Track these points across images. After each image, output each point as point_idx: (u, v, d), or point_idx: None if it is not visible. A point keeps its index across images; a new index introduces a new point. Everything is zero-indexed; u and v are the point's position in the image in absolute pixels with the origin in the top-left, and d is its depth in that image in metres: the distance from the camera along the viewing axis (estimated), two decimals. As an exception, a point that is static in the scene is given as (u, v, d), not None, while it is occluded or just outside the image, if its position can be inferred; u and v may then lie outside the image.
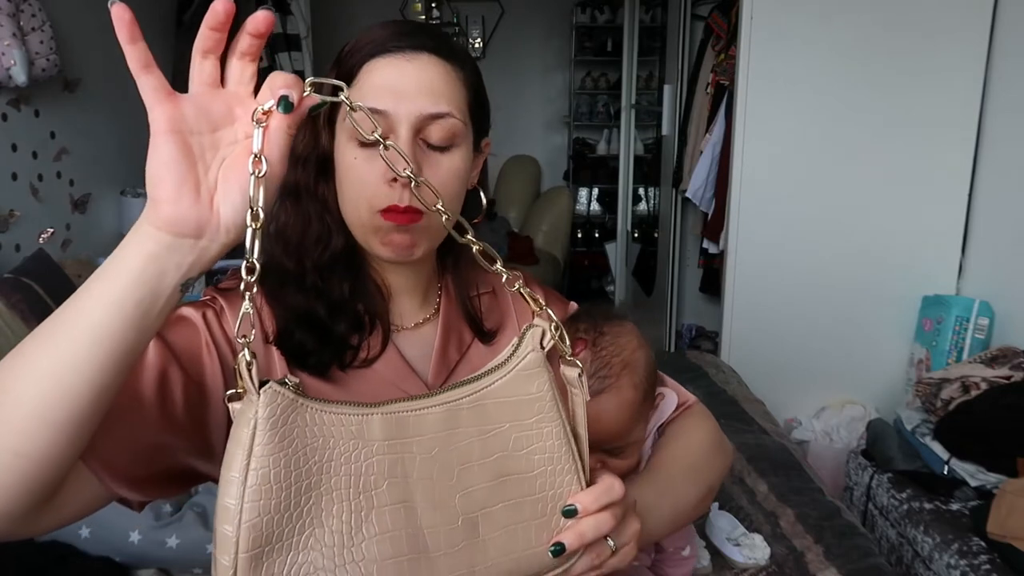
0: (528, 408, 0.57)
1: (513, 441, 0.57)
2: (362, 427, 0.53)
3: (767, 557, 1.34)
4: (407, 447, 0.54)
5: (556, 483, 0.58)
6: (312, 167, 0.76)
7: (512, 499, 0.57)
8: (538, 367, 0.58)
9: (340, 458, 0.52)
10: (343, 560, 0.51)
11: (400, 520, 0.53)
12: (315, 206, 0.76)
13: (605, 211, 5.49)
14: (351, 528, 0.52)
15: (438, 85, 0.72)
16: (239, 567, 0.47)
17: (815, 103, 2.39)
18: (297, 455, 0.50)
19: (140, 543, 1.53)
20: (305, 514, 0.50)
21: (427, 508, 0.54)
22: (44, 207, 2.56)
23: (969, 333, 2.28)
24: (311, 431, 0.51)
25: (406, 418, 0.55)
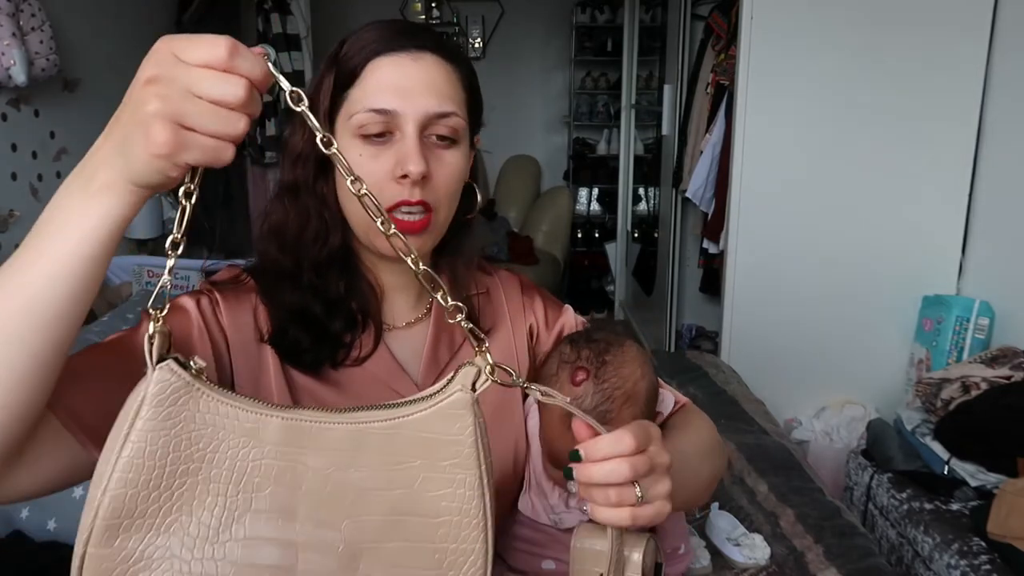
0: (444, 449, 0.53)
1: (421, 480, 0.53)
2: (258, 426, 0.51)
3: (767, 557, 1.34)
4: (302, 457, 0.51)
5: (459, 537, 0.53)
6: (312, 165, 0.76)
7: (406, 540, 0.53)
8: (464, 408, 0.53)
9: (227, 452, 0.50)
10: (202, 554, 0.49)
11: (274, 529, 0.50)
12: (314, 203, 0.76)
13: (605, 211, 5.48)
14: (220, 524, 0.49)
15: (442, 85, 0.73)
16: (93, 532, 0.47)
17: (815, 103, 2.39)
18: (180, 438, 0.48)
19: (140, 543, 1.52)
20: (175, 499, 0.49)
21: (309, 524, 0.51)
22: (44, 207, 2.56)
23: (969, 333, 2.28)
24: (202, 417, 0.49)
25: (308, 427, 0.51)
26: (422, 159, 0.70)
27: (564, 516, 0.86)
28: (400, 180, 0.71)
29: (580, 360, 0.82)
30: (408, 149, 0.71)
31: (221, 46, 0.46)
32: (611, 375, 0.81)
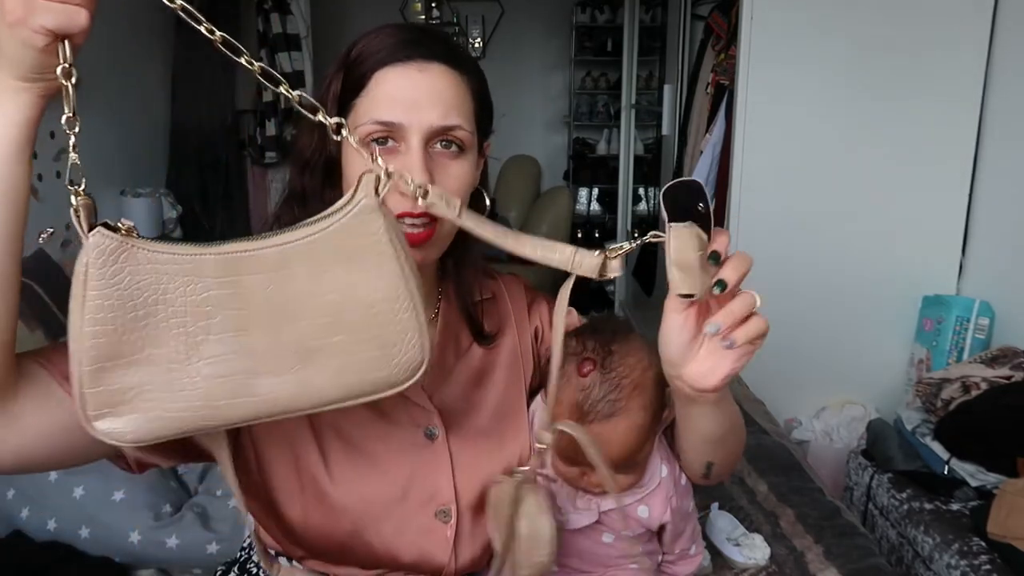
0: (365, 249, 0.60)
1: (350, 280, 0.60)
2: (195, 265, 0.57)
3: (767, 557, 1.34)
4: (241, 283, 0.58)
5: (394, 319, 0.60)
6: (319, 173, 0.77)
7: (349, 332, 0.60)
8: (371, 209, 0.59)
9: (175, 291, 0.56)
10: (178, 376, 0.57)
11: (234, 344, 0.58)
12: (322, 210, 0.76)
13: (605, 211, 5.49)
14: (187, 350, 0.57)
15: (448, 96, 0.73)
16: (83, 378, 0.55)
17: (815, 103, 2.39)
18: (130, 289, 0.55)
19: (140, 543, 1.52)
20: (144, 338, 0.56)
21: (262, 335, 0.58)
22: (44, 207, 2.56)
23: (969, 333, 2.28)
24: (143, 268, 0.55)
25: (239, 257, 0.58)
26: (425, 171, 0.70)
27: (572, 516, 0.86)
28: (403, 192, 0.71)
29: (586, 351, 0.82)
30: (412, 162, 0.71)
31: None
32: (618, 364, 0.81)
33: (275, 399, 0.59)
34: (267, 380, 0.59)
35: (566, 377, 0.81)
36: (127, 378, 0.56)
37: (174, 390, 0.57)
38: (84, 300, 0.55)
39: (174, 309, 0.57)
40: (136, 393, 0.57)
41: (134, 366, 0.56)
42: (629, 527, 0.89)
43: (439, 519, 0.81)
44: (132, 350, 0.56)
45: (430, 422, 0.82)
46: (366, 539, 0.80)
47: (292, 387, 0.59)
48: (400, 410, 0.81)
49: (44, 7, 0.48)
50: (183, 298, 0.57)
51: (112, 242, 0.55)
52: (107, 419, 0.57)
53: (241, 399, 0.59)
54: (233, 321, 0.58)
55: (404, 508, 0.80)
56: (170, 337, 0.57)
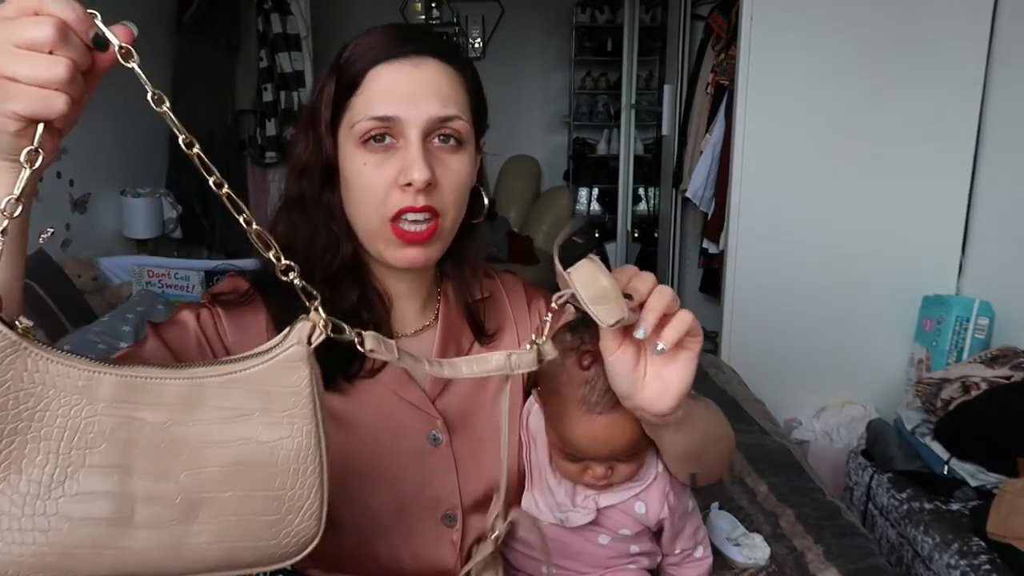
0: (282, 400, 0.55)
1: (260, 429, 0.54)
2: (91, 383, 0.51)
3: (767, 557, 1.34)
4: (138, 412, 0.52)
5: (296, 484, 0.55)
6: (317, 176, 0.76)
7: (245, 489, 0.54)
8: (300, 360, 0.55)
9: (58, 410, 0.50)
10: (33, 511, 0.49)
11: (110, 484, 0.51)
12: (321, 215, 0.76)
13: (605, 211, 5.49)
14: (51, 481, 0.49)
15: (444, 89, 0.72)
16: None
17: (815, 103, 2.39)
18: (6, 397, 0.48)
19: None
20: (2, 458, 0.49)
21: (145, 479, 0.51)
22: (44, 207, 2.56)
23: (969, 333, 2.28)
24: (30, 376, 0.49)
25: (142, 384, 0.52)
26: (426, 166, 0.70)
27: (571, 515, 0.86)
28: (404, 188, 0.70)
29: (585, 344, 0.80)
30: (412, 156, 0.70)
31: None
32: None
33: (145, 556, 0.51)
34: (140, 532, 0.51)
35: (567, 372, 0.80)
36: None
37: (23, 527, 0.49)
38: None
39: (49, 430, 0.49)
40: None
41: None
42: (627, 525, 0.89)
43: (445, 524, 0.81)
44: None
45: (434, 427, 0.81)
46: (373, 551, 0.79)
47: (167, 544, 0.52)
48: (405, 417, 0.80)
49: (17, 92, 0.46)
50: (64, 418, 0.50)
51: (4, 340, 0.49)
52: None
53: (104, 550, 0.50)
54: (117, 455, 0.51)
55: (410, 516, 0.80)
56: (36, 462, 0.49)
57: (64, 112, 0.48)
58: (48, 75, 0.46)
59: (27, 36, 0.46)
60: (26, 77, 0.46)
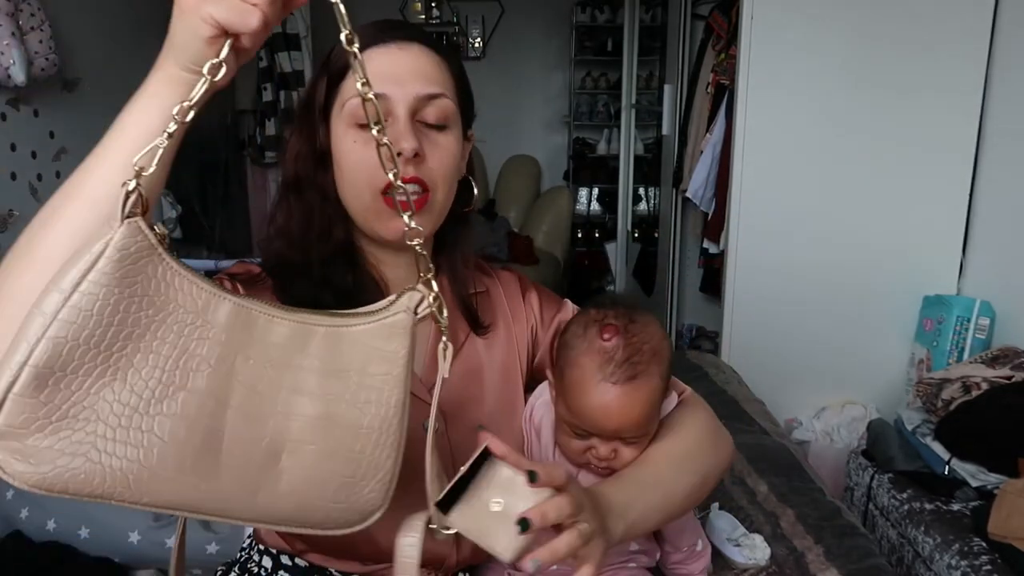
0: (379, 363, 0.55)
1: (352, 390, 0.54)
2: (210, 305, 0.50)
3: (767, 557, 1.33)
4: (245, 346, 0.51)
5: (375, 451, 0.55)
6: (310, 161, 0.79)
7: (327, 444, 0.53)
8: (403, 329, 0.56)
9: (173, 325, 0.48)
10: (128, 424, 0.47)
11: (204, 411, 0.49)
12: (316, 197, 0.78)
13: (605, 211, 5.48)
14: (152, 396, 0.48)
15: (430, 71, 0.76)
16: (22, 377, 0.44)
17: (815, 102, 2.39)
18: (132, 300, 0.47)
19: (139, 543, 1.52)
20: (112, 361, 0.47)
21: (238, 414, 0.51)
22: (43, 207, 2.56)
23: (970, 333, 2.28)
24: (156, 284, 0.48)
25: (256, 317, 0.52)
26: (413, 137, 0.72)
27: None
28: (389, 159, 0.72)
29: (608, 318, 0.84)
30: (400, 130, 0.72)
31: None
32: (639, 331, 0.83)
33: (217, 494, 0.50)
34: (224, 468, 0.50)
35: (586, 342, 0.83)
36: (69, 401, 0.45)
37: (116, 437, 0.47)
38: (77, 284, 0.45)
39: (161, 343, 0.48)
40: (68, 424, 0.45)
41: (85, 390, 0.46)
42: None
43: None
44: (92, 369, 0.46)
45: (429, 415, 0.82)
46: (370, 534, 0.80)
47: (244, 486, 0.51)
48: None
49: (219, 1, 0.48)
50: (177, 335, 0.48)
51: (144, 241, 0.47)
52: (13, 442, 0.45)
53: (183, 477, 0.49)
54: (216, 384, 0.50)
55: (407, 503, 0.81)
56: (142, 374, 0.47)
57: (256, 29, 0.49)
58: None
59: None
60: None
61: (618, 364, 0.80)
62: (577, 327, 0.85)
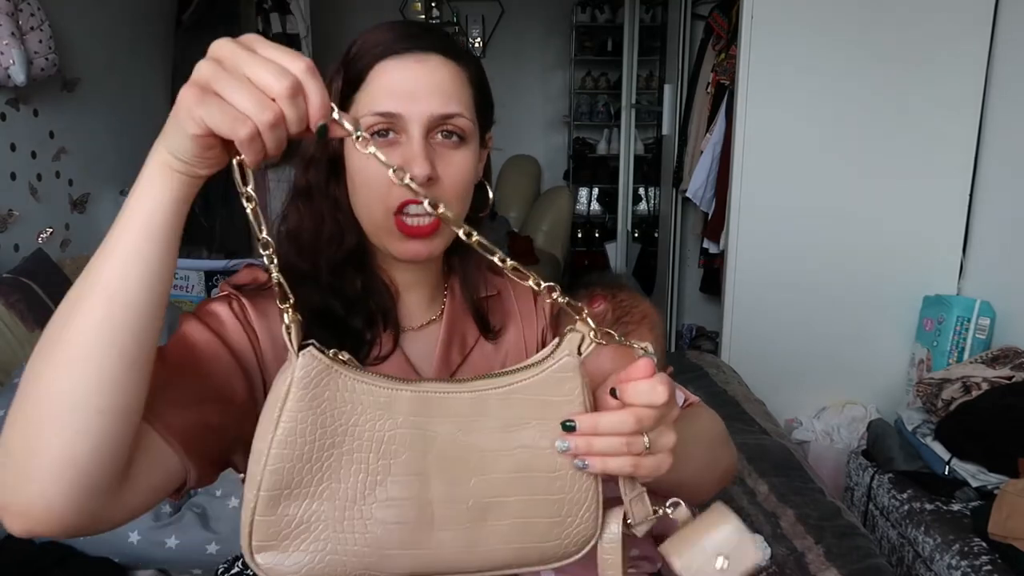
0: (556, 409, 0.58)
1: (538, 438, 0.58)
2: (391, 400, 0.56)
3: (767, 558, 1.34)
4: (432, 424, 0.57)
5: (574, 488, 0.59)
6: (323, 168, 0.77)
7: (528, 494, 0.58)
8: (572, 371, 0.59)
9: (365, 424, 0.55)
10: (351, 515, 0.55)
11: (412, 489, 0.56)
12: (327, 205, 0.77)
13: (605, 211, 5.48)
14: (364, 488, 0.55)
15: (447, 86, 0.73)
16: (259, 503, 0.53)
17: (815, 102, 2.39)
18: (325, 415, 0.54)
19: (139, 543, 1.52)
20: (325, 468, 0.55)
21: (441, 484, 0.57)
22: (43, 207, 2.55)
23: (970, 333, 2.28)
24: (341, 396, 0.55)
25: (433, 398, 0.57)
26: (427, 161, 0.70)
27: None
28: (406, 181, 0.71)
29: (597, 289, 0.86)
30: (413, 152, 0.71)
31: (300, 59, 0.49)
32: (627, 299, 0.85)
33: (442, 555, 0.57)
34: (440, 533, 0.57)
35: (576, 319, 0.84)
36: (300, 510, 0.55)
37: (345, 531, 0.55)
38: (278, 422, 0.53)
39: (360, 443, 0.55)
40: (305, 528, 0.55)
41: (309, 499, 0.55)
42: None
43: None
44: (311, 480, 0.54)
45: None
46: None
47: (462, 544, 0.57)
48: None
49: (216, 105, 0.47)
50: (371, 432, 0.56)
51: (320, 365, 0.54)
52: (270, 552, 0.54)
53: (409, 550, 0.56)
54: (415, 464, 0.56)
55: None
56: (351, 472, 0.55)
57: (244, 140, 0.48)
58: (254, 108, 0.47)
59: (263, 78, 0.47)
60: (231, 98, 0.47)
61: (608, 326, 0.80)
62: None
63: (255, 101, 0.47)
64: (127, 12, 3.09)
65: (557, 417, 0.58)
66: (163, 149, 0.51)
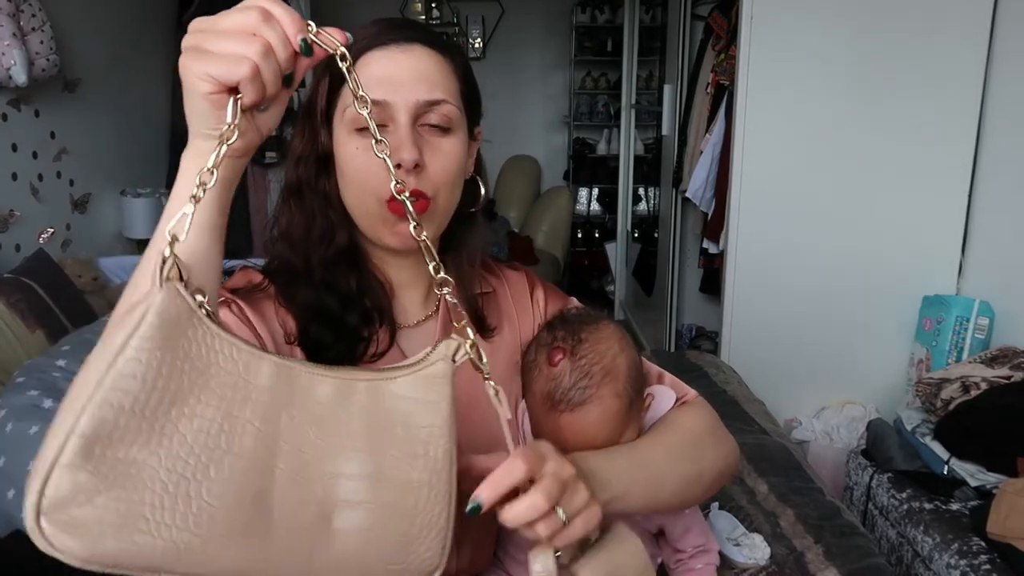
0: (422, 415, 0.54)
1: (399, 442, 0.53)
2: (250, 366, 0.49)
3: (767, 557, 1.34)
4: (289, 405, 0.50)
5: (428, 504, 0.53)
6: (312, 164, 0.78)
7: (381, 502, 0.52)
8: (443, 378, 0.55)
9: (216, 388, 0.47)
10: (176, 491, 0.45)
11: (252, 475, 0.48)
12: (318, 202, 0.78)
13: (605, 211, 5.49)
14: (198, 462, 0.46)
15: (432, 74, 0.74)
16: (68, 446, 0.42)
17: (815, 103, 2.39)
18: (174, 364, 0.46)
19: (140, 543, 1.52)
20: (157, 427, 0.45)
21: (285, 476, 0.49)
22: (44, 207, 2.56)
23: (969, 333, 2.28)
24: (197, 348, 0.47)
25: (298, 375, 0.51)
26: (414, 147, 0.71)
27: None
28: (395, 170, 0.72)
29: (556, 341, 0.82)
30: (400, 138, 0.71)
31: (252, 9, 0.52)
32: (587, 351, 0.80)
33: (274, 559, 0.49)
34: (277, 535, 0.49)
35: (537, 368, 0.81)
36: (117, 471, 0.43)
37: (165, 506, 0.45)
38: (119, 353, 0.44)
39: (204, 407, 0.47)
40: (117, 495, 0.43)
41: (133, 458, 0.44)
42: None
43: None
44: (137, 438, 0.44)
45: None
46: None
47: (299, 550, 0.49)
48: None
49: (211, 55, 0.51)
50: (220, 399, 0.47)
51: (183, 305, 0.47)
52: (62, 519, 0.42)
53: (237, 544, 0.47)
54: (262, 447, 0.49)
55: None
56: (187, 440, 0.46)
57: (247, 78, 0.50)
58: (241, 47, 0.50)
59: (235, 20, 0.51)
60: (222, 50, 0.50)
61: (566, 390, 0.78)
62: (531, 352, 0.84)
63: (240, 40, 0.51)
64: (128, 13, 3.10)
65: (421, 425, 0.54)
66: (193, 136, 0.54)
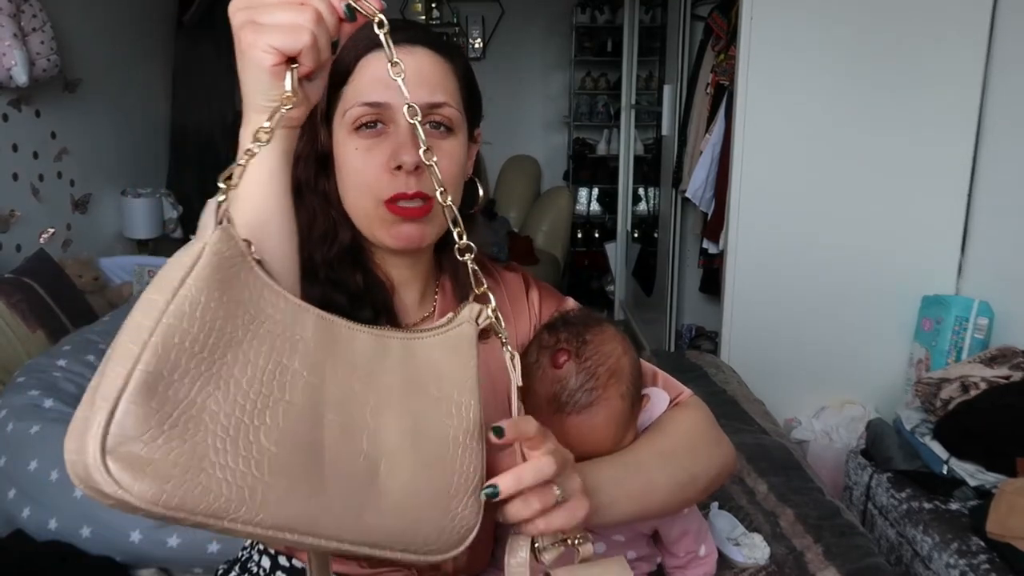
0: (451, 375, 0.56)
1: (433, 401, 0.55)
2: (297, 316, 0.50)
3: (767, 557, 1.34)
4: (332, 358, 0.51)
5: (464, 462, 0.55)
6: (312, 164, 0.78)
7: (423, 457, 0.53)
8: (469, 340, 0.58)
9: (266, 336, 0.47)
10: (237, 434, 0.44)
11: (304, 424, 0.48)
12: (318, 202, 0.78)
13: (605, 211, 5.49)
14: (255, 407, 0.46)
15: (434, 76, 0.74)
16: (132, 381, 0.41)
17: (815, 103, 2.39)
18: (229, 306, 0.45)
19: (141, 542, 1.53)
20: (215, 369, 0.44)
21: (334, 428, 0.50)
22: (45, 207, 2.56)
23: (968, 333, 2.28)
24: (249, 292, 0.47)
25: (339, 329, 0.52)
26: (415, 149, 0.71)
27: None
28: (395, 172, 0.72)
29: (560, 342, 0.81)
30: (401, 140, 0.72)
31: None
32: (593, 353, 0.80)
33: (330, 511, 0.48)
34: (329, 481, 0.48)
35: (541, 370, 0.81)
36: (179, 410, 0.42)
37: (228, 449, 0.44)
38: (179, 288, 0.43)
39: (257, 352, 0.46)
40: (180, 434, 0.42)
41: (194, 399, 0.43)
42: (620, 531, 0.89)
43: None
44: (199, 377, 0.43)
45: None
46: None
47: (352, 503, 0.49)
48: None
49: (271, 28, 0.52)
50: (271, 345, 0.47)
51: (236, 248, 0.47)
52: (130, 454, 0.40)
53: (298, 492, 0.46)
54: (313, 395, 0.49)
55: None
56: (243, 383, 0.45)
57: (308, 46, 0.52)
58: (296, 17, 0.52)
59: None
60: (278, 21, 0.52)
61: (572, 392, 0.78)
62: (531, 353, 0.83)
63: (293, 10, 0.52)
64: (128, 13, 3.10)
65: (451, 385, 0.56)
66: (252, 112, 0.54)
